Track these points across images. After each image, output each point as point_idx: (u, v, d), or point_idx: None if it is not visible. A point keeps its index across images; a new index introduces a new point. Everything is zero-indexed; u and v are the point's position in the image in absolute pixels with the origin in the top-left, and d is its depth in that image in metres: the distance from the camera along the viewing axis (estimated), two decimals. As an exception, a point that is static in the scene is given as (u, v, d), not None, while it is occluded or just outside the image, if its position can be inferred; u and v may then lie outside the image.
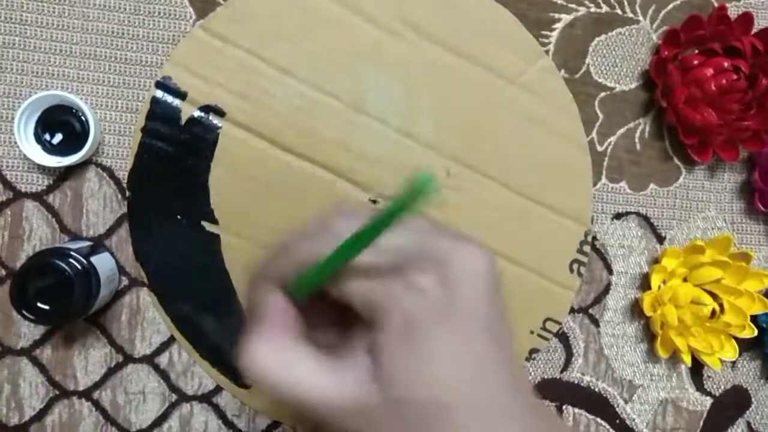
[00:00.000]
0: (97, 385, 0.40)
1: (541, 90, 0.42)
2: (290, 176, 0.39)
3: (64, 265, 0.35)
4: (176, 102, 0.38)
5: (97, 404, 0.40)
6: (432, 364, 0.22)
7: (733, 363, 0.46)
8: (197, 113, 0.39)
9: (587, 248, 0.43)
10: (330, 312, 0.25)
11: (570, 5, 0.43)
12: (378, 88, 0.40)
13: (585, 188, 0.43)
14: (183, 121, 0.38)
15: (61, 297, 0.35)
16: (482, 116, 0.41)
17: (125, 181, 0.39)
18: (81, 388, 0.40)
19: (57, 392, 0.39)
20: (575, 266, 0.42)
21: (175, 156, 0.39)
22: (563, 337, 0.44)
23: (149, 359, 0.40)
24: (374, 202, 0.40)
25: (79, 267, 0.35)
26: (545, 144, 0.42)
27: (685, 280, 0.44)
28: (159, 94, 0.38)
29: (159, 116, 0.38)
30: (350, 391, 0.22)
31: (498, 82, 0.41)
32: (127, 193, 0.39)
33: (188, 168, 0.39)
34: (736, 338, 0.43)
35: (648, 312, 0.43)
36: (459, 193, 0.41)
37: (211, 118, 0.39)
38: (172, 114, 0.38)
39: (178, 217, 0.39)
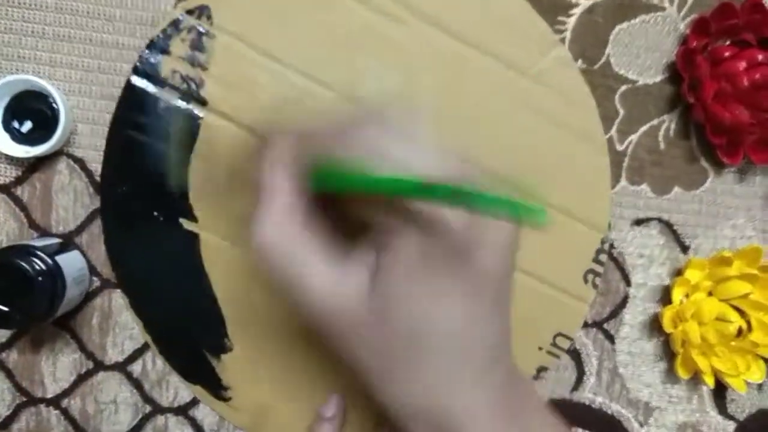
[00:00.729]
0: (66, 392, 0.37)
1: (556, 83, 0.39)
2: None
3: (25, 265, 0.32)
4: (154, 89, 0.36)
5: (66, 413, 0.37)
6: (429, 302, 0.22)
7: (760, 385, 0.43)
8: (177, 102, 0.36)
9: (604, 257, 0.40)
10: (330, 214, 0.26)
11: (589, -10, 0.40)
12: (375, 77, 0.37)
13: (602, 191, 0.40)
14: (162, 110, 0.36)
15: (23, 299, 0.32)
16: (489, 110, 0.38)
17: (98, 173, 0.36)
18: (49, 396, 0.37)
19: (24, 399, 0.37)
20: (590, 277, 0.40)
21: (152, 147, 0.36)
22: (575, 354, 0.41)
23: (121, 367, 0.37)
24: None
25: (42, 267, 0.32)
26: (559, 142, 0.39)
27: (710, 294, 0.41)
28: (136, 80, 0.36)
29: (135, 104, 0.36)
30: (349, 290, 0.23)
31: (507, 73, 0.38)
32: (100, 187, 0.36)
33: (166, 161, 0.36)
34: (764, 358, 0.41)
35: (668, 328, 0.40)
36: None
37: (191, 107, 0.36)
38: (149, 102, 0.36)
39: (155, 213, 0.36)
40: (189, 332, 0.37)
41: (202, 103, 0.36)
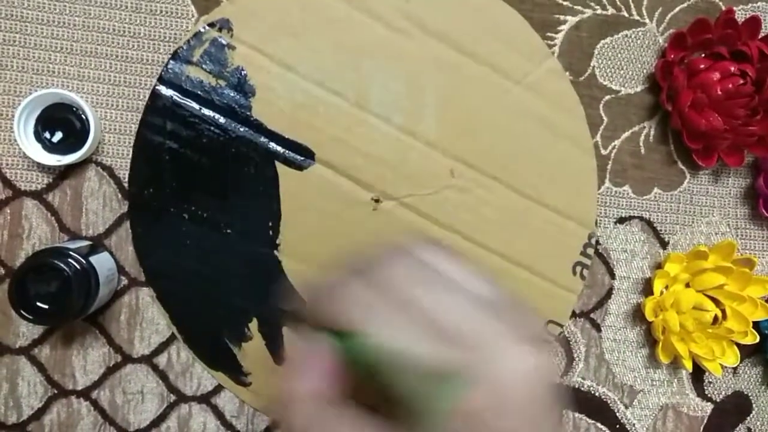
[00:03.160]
0: (96, 384, 0.39)
1: (548, 91, 0.41)
2: (290, 173, 0.39)
3: (62, 265, 0.34)
4: (179, 97, 0.38)
5: (95, 404, 0.40)
6: None
7: (735, 369, 0.46)
8: (200, 108, 0.38)
9: (591, 251, 0.42)
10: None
11: (576, 7, 0.43)
12: (382, 86, 0.39)
13: (589, 191, 0.42)
14: (186, 116, 0.38)
15: (60, 297, 0.35)
16: (487, 116, 0.41)
17: (126, 178, 0.39)
18: (79, 388, 0.39)
19: (55, 391, 0.39)
20: (578, 269, 0.42)
21: (176, 151, 0.38)
22: (564, 342, 0.44)
23: (148, 359, 0.40)
24: (377, 201, 0.39)
25: (78, 267, 0.35)
26: (550, 146, 0.42)
27: (687, 285, 0.44)
28: (161, 88, 0.38)
29: (161, 111, 0.38)
30: None
31: (504, 82, 0.41)
32: (128, 187, 0.38)
33: (190, 164, 0.38)
34: (737, 344, 0.43)
35: (650, 317, 0.43)
36: (462, 194, 0.40)
37: (213, 113, 0.38)
38: (174, 108, 0.38)
39: (179, 212, 0.38)
40: (212, 323, 0.39)
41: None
